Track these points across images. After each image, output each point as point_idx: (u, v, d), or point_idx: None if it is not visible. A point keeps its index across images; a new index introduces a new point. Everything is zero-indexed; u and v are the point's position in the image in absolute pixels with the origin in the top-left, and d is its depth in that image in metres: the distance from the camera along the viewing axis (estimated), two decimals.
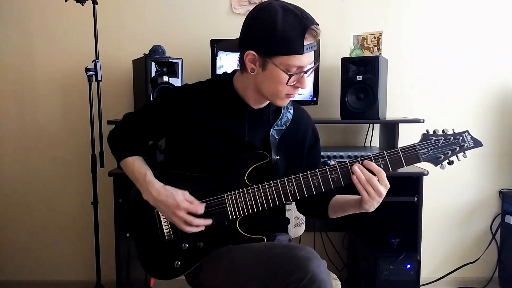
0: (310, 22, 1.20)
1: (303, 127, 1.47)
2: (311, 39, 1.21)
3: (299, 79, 1.27)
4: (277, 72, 1.23)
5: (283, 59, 1.21)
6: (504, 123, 2.53)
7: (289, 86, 1.27)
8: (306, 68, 1.25)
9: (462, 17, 2.47)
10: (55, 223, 2.56)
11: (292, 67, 1.23)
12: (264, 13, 1.22)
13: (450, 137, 1.28)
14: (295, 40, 1.19)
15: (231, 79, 1.39)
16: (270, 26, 1.19)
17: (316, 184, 1.28)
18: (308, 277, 1.11)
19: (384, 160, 1.26)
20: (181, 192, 1.31)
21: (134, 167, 1.38)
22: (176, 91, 1.44)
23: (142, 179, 1.35)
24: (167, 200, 1.30)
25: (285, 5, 1.22)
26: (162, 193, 1.31)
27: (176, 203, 1.28)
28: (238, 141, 1.36)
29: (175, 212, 1.29)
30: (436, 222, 2.55)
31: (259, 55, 1.24)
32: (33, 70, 2.47)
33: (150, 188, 1.33)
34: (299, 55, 1.20)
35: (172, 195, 1.30)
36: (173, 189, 1.32)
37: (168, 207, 1.30)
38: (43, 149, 2.52)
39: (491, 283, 2.58)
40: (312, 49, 1.23)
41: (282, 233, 1.52)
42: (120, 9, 2.44)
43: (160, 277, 1.39)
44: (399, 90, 2.47)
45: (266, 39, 1.21)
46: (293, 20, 1.19)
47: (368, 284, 2.12)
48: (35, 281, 2.59)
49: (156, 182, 1.34)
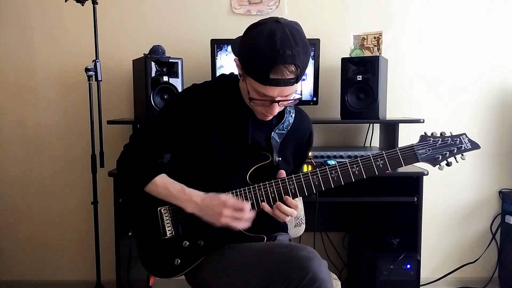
0: (281, 59, 1.15)
1: (303, 131, 1.48)
2: (278, 75, 1.17)
3: (268, 105, 1.26)
4: (246, 89, 1.25)
5: (251, 80, 1.22)
6: (504, 123, 2.53)
7: (257, 106, 1.28)
8: (276, 98, 1.23)
9: (462, 17, 2.47)
10: (55, 223, 2.56)
11: (258, 91, 1.23)
12: (254, 30, 1.21)
13: (447, 139, 1.30)
14: (260, 69, 1.18)
15: (237, 81, 1.39)
16: (249, 45, 1.20)
17: (316, 183, 1.30)
18: (308, 276, 1.12)
19: (383, 160, 1.28)
20: (224, 195, 1.30)
21: (167, 186, 1.34)
22: (186, 94, 1.40)
23: (183, 193, 1.33)
24: (212, 202, 1.29)
25: (276, 31, 1.17)
26: (206, 199, 1.30)
27: (223, 203, 1.27)
28: (242, 142, 1.37)
29: (222, 212, 1.27)
30: (436, 222, 2.56)
31: (241, 65, 1.25)
32: (33, 70, 2.47)
33: (194, 199, 1.31)
34: (262, 84, 1.20)
35: (216, 196, 1.29)
36: (212, 194, 1.31)
37: (215, 209, 1.28)
38: (43, 149, 2.52)
39: (491, 283, 2.58)
40: (280, 85, 1.19)
41: (282, 233, 1.53)
42: (120, 9, 2.44)
43: (160, 275, 1.39)
44: (399, 90, 2.47)
45: (243, 55, 1.23)
46: (268, 49, 1.15)
47: (368, 284, 2.12)
48: (35, 281, 2.59)
49: (197, 191, 1.32)
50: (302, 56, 1.18)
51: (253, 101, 1.25)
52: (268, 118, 1.34)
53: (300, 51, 1.17)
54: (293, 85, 1.22)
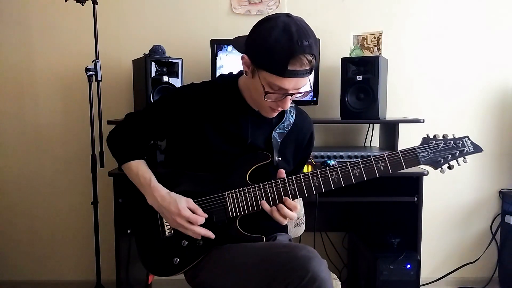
0: (301, 50, 1.16)
1: (304, 131, 1.48)
2: (297, 66, 1.18)
3: (281, 99, 1.26)
4: (259, 84, 1.25)
5: (266, 74, 1.22)
6: (504, 123, 2.53)
7: (270, 101, 1.27)
8: (290, 91, 1.24)
9: (463, 17, 2.47)
10: (55, 223, 2.56)
11: (273, 85, 1.22)
12: (266, 24, 1.22)
13: (450, 142, 1.29)
14: (279, 61, 1.18)
15: (236, 80, 1.39)
16: (263, 39, 1.20)
17: (316, 184, 1.29)
18: (308, 276, 1.12)
19: (384, 162, 1.27)
20: (185, 200, 1.32)
21: (139, 172, 1.38)
22: (183, 90, 1.43)
23: (148, 185, 1.36)
24: (169, 206, 1.31)
25: (289, 23, 1.19)
26: (166, 200, 1.32)
27: (178, 211, 1.29)
28: (241, 142, 1.37)
29: (175, 219, 1.30)
30: (436, 222, 2.55)
31: (251, 62, 1.25)
32: (33, 70, 2.47)
33: (156, 194, 1.34)
34: (280, 76, 1.20)
35: (175, 202, 1.31)
36: (177, 196, 1.33)
37: (170, 214, 1.31)
38: (43, 149, 2.52)
39: (491, 283, 2.58)
40: (297, 76, 1.20)
41: (282, 233, 1.53)
42: (120, 9, 2.44)
43: (159, 273, 1.40)
44: (399, 90, 2.47)
45: (256, 50, 1.23)
46: (285, 41, 1.17)
47: (368, 284, 2.12)
48: (35, 281, 2.59)
49: (162, 188, 1.35)
50: (315, 47, 1.20)
51: (268, 96, 1.24)
52: (275, 114, 1.35)
53: (313, 42, 1.19)
54: (307, 77, 1.24)
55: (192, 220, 1.30)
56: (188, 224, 1.30)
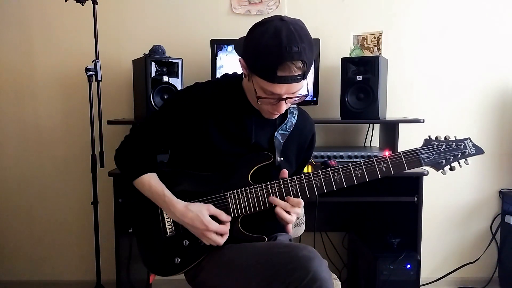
0: (289, 56, 1.15)
1: (306, 132, 1.48)
2: (286, 72, 1.17)
3: (275, 103, 1.26)
4: (252, 88, 1.25)
5: (258, 79, 1.22)
6: (504, 123, 2.53)
7: (265, 105, 1.27)
8: (283, 96, 1.23)
9: (462, 17, 2.47)
10: (55, 223, 2.56)
11: (265, 90, 1.22)
12: (259, 28, 1.21)
13: (452, 143, 1.29)
14: (268, 67, 1.18)
15: (240, 80, 1.39)
16: (255, 44, 1.20)
17: (318, 185, 1.29)
18: (309, 276, 1.12)
19: (386, 163, 1.27)
20: (206, 209, 1.30)
21: (151, 187, 1.36)
22: (188, 90, 1.41)
23: (162, 200, 1.34)
24: (194, 223, 1.29)
25: (281, 28, 1.17)
26: (187, 216, 1.30)
27: (205, 227, 1.28)
28: (245, 142, 1.37)
29: (204, 234, 1.29)
30: (436, 222, 2.56)
31: (246, 65, 1.25)
32: (33, 70, 2.47)
33: (172, 209, 1.32)
34: (270, 82, 1.20)
35: (198, 217, 1.28)
36: (197, 209, 1.30)
37: (197, 229, 1.29)
38: (43, 149, 2.51)
39: (491, 283, 2.58)
40: (288, 82, 1.19)
41: (282, 233, 1.53)
42: (120, 9, 2.44)
43: (160, 273, 1.39)
44: (399, 90, 2.47)
45: (249, 55, 1.23)
46: (274, 47, 1.16)
47: (368, 284, 2.12)
48: (35, 281, 2.58)
49: (177, 202, 1.33)
50: (308, 52, 1.18)
51: (260, 100, 1.25)
52: (275, 116, 1.35)
53: (305, 47, 1.18)
54: (300, 82, 1.22)
55: (222, 232, 1.29)
56: (217, 238, 1.29)
